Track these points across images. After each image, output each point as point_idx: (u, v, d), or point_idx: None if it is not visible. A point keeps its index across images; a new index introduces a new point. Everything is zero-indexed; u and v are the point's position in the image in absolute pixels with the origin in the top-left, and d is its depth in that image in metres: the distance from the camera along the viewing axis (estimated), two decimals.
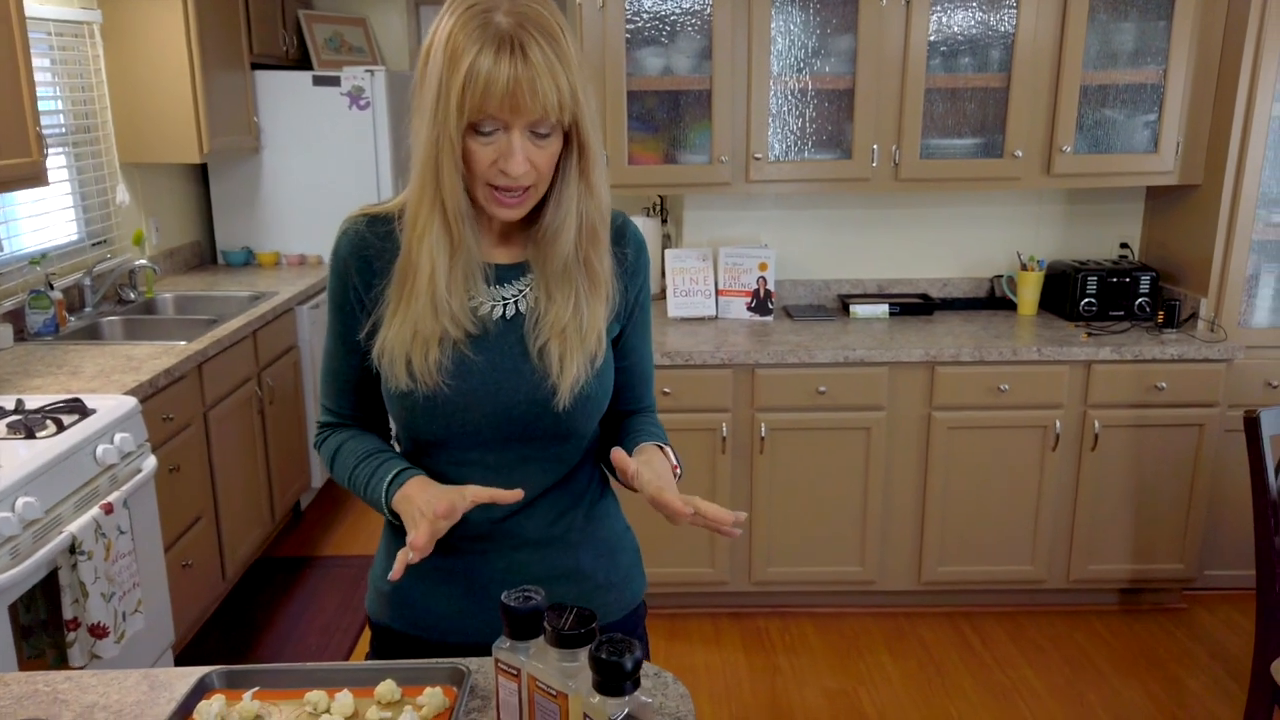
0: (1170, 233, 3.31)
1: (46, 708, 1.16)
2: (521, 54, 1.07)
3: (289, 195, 4.37)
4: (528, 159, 1.11)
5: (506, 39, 1.06)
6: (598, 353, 1.22)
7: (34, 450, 2.08)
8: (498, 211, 1.16)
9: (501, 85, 1.06)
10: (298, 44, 4.67)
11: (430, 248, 1.15)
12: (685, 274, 3.31)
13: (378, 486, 1.20)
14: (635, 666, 0.96)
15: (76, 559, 2.07)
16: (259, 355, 3.46)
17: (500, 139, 1.10)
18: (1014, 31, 3.01)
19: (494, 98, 1.07)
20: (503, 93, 1.07)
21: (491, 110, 1.08)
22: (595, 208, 1.19)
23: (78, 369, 2.72)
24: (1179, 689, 2.81)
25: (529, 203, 1.16)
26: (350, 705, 1.14)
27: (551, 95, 1.08)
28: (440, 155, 1.11)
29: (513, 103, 1.07)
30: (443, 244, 1.15)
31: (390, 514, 1.20)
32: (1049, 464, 3.03)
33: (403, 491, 1.17)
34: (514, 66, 1.06)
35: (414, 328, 1.16)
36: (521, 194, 1.14)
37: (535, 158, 1.12)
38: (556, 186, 1.18)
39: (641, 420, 1.35)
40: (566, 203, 1.17)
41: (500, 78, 1.06)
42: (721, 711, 2.72)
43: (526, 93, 1.07)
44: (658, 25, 3.05)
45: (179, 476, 2.83)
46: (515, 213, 1.16)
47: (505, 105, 1.08)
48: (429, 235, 1.15)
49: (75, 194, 3.53)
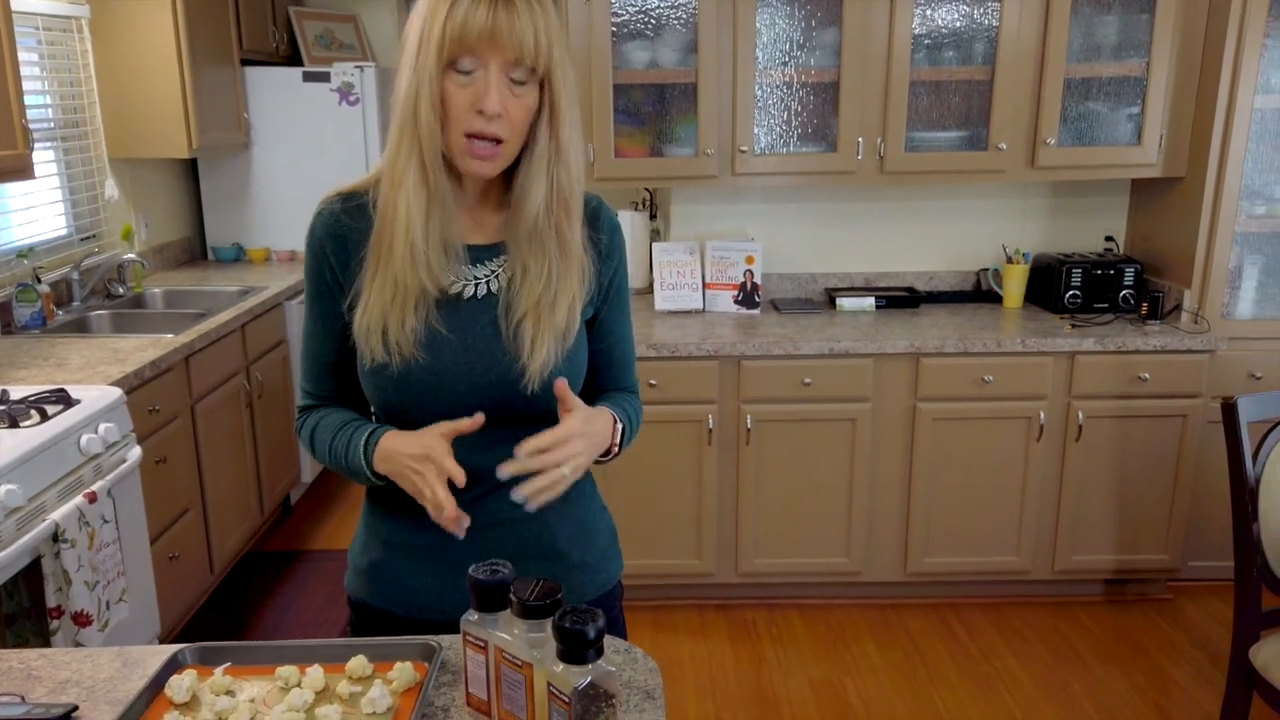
0: (1154, 225, 3.32)
1: (20, 683, 1.17)
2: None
3: (279, 191, 4.37)
4: (503, 105, 1.13)
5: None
6: (568, 331, 1.22)
7: (17, 439, 2.09)
8: (472, 165, 1.16)
9: (481, 20, 1.10)
10: (288, 40, 4.68)
11: (408, 195, 1.16)
12: (672, 267, 3.32)
13: (356, 455, 1.21)
14: (598, 635, 0.97)
15: (60, 547, 2.07)
16: (248, 349, 3.47)
17: (478, 79, 1.12)
18: (998, 25, 3.03)
19: (473, 32, 1.10)
20: (482, 28, 1.10)
21: (470, 44, 1.11)
22: (565, 172, 1.20)
23: (64, 361, 2.72)
24: (1162, 678, 2.83)
25: (501, 158, 1.17)
26: (321, 680, 1.14)
27: (529, 36, 1.11)
28: (419, 98, 1.13)
29: (492, 39, 1.11)
30: (420, 190, 1.16)
31: (374, 476, 1.21)
32: (1033, 455, 3.04)
33: (380, 451, 1.18)
34: (494, 6, 1.10)
35: (392, 285, 1.17)
36: (495, 148, 1.15)
37: (511, 106, 1.14)
38: (528, 148, 1.19)
39: (617, 395, 1.36)
40: (537, 162, 1.19)
41: (480, 14, 1.10)
42: (707, 703, 2.73)
43: (505, 30, 1.10)
44: (643, 19, 3.06)
45: (166, 468, 2.83)
46: (488, 166, 1.17)
47: (484, 42, 1.11)
48: (406, 181, 1.16)
49: (64, 188, 3.54)
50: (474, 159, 1.16)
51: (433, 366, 1.20)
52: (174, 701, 1.10)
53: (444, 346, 1.20)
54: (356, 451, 1.21)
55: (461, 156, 1.16)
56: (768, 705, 2.71)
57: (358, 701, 1.11)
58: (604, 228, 1.29)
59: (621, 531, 2.98)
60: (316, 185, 4.29)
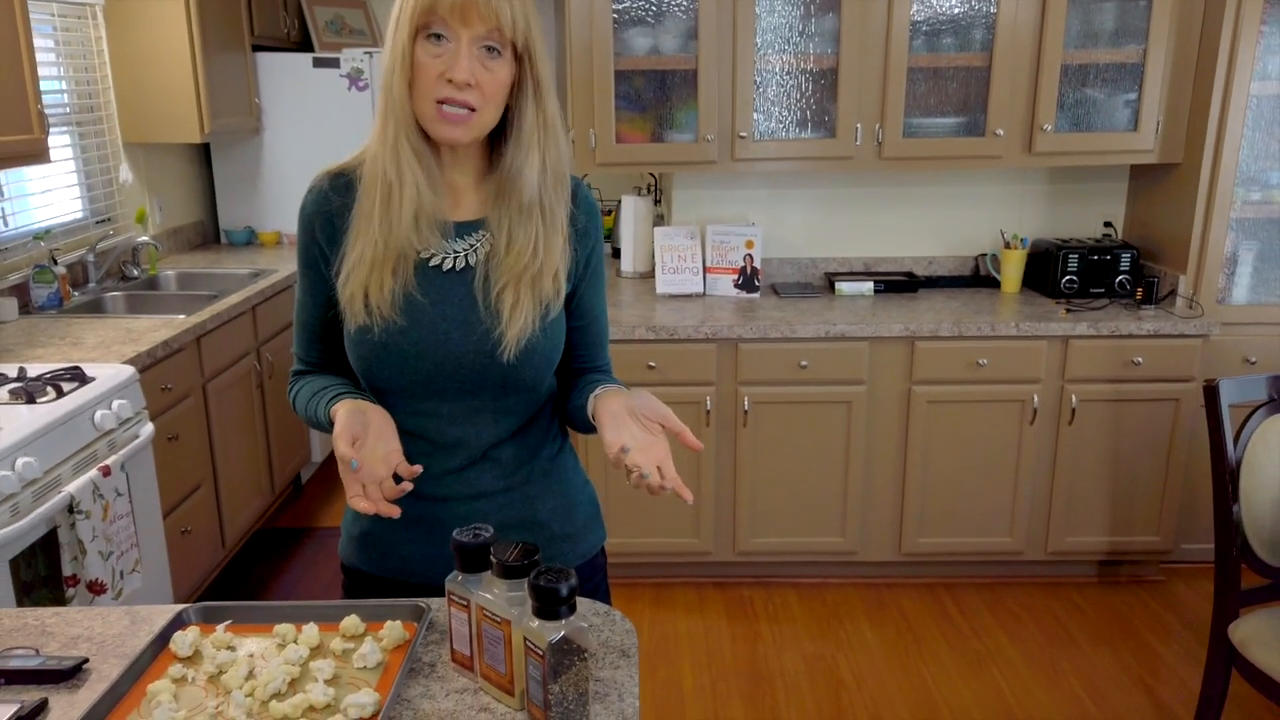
0: (1152, 211, 3.35)
1: (34, 638, 1.24)
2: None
3: (290, 175, 4.45)
4: (474, 76, 1.16)
5: None
6: (553, 302, 1.27)
7: (34, 414, 2.17)
8: (441, 129, 1.19)
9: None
10: (299, 26, 4.74)
11: (387, 160, 1.21)
12: (673, 251, 3.38)
13: (319, 406, 1.28)
14: (570, 593, 1.04)
15: (75, 518, 2.16)
16: (258, 330, 3.55)
17: (449, 49, 1.16)
18: (995, 11, 3.06)
19: (444, 2, 1.14)
20: None
21: (441, 14, 1.14)
22: (555, 146, 1.24)
23: (79, 340, 2.81)
24: (1150, 656, 2.88)
25: (476, 126, 1.20)
26: (316, 637, 1.21)
27: (504, 9, 1.15)
28: (394, 65, 1.18)
29: (462, 11, 1.14)
30: (393, 158, 1.20)
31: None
32: (1027, 437, 3.08)
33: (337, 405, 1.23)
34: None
35: (373, 247, 1.21)
36: (467, 114, 1.18)
37: (482, 78, 1.17)
38: (514, 123, 1.23)
39: (597, 376, 1.41)
40: (526, 138, 1.23)
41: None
42: (702, 675, 2.80)
43: (480, 2, 1.14)
44: (644, 5, 3.11)
45: (178, 445, 2.92)
46: (459, 131, 1.19)
47: (455, 13, 1.14)
48: (385, 148, 1.20)
49: (79, 172, 3.62)
50: (444, 123, 1.18)
51: (410, 333, 1.24)
52: (178, 655, 1.17)
53: (421, 313, 1.24)
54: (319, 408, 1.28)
55: (432, 123, 1.19)
56: (761, 679, 2.78)
57: (350, 657, 1.18)
58: (583, 207, 1.33)
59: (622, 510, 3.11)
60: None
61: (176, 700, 1.08)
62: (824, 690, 2.73)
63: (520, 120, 1.23)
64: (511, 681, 1.10)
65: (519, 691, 1.09)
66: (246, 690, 1.09)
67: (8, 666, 1.14)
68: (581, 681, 1.06)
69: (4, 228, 3.17)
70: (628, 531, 3.15)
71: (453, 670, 1.17)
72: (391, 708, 1.08)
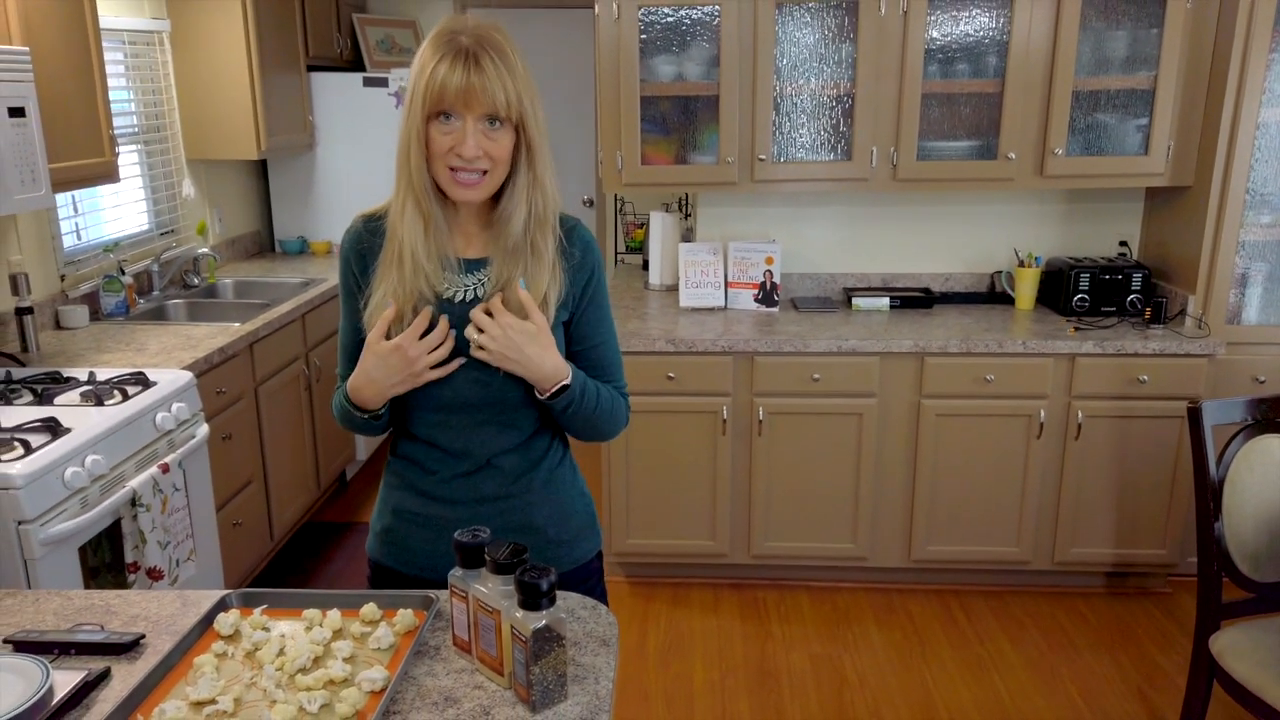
0: (1166, 232, 3.42)
1: (100, 616, 1.45)
2: (475, 63, 1.35)
3: (340, 188, 4.70)
4: (481, 146, 1.37)
5: (464, 51, 1.35)
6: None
7: (103, 415, 2.40)
8: (457, 192, 1.40)
9: (456, 83, 1.34)
10: (351, 45, 4.99)
11: (408, 222, 1.42)
12: (697, 266, 3.53)
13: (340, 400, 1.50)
14: (550, 588, 1.21)
15: (137, 510, 2.38)
16: (307, 336, 3.79)
17: (458, 127, 1.37)
18: (1008, 40, 3.16)
19: (450, 92, 1.34)
20: (458, 88, 1.34)
21: (449, 102, 1.35)
22: (542, 197, 1.45)
23: (143, 346, 3.05)
24: (1149, 666, 2.97)
25: (485, 186, 1.41)
26: (338, 621, 1.40)
27: (499, 95, 1.35)
28: (410, 142, 1.39)
29: (466, 98, 1.35)
30: (416, 219, 1.42)
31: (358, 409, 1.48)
32: (1034, 451, 3.19)
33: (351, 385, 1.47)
34: (468, 71, 1.34)
35: (396, 291, 1.42)
36: (479, 176, 1.39)
37: (488, 147, 1.38)
38: (511, 179, 1.44)
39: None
40: (518, 192, 1.43)
41: (456, 78, 1.34)
42: (713, 670, 2.95)
43: (478, 90, 1.34)
44: (669, 35, 3.27)
45: (231, 444, 3.15)
46: (472, 193, 1.41)
47: (460, 99, 1.35)
48: (406, 212, 1.42)
49: (146, 188, 3.89)
50: (460, 187, 1.40)
51: None
52: (220, 634, 1.37)
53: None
54: (341, 399, 1.50)
55: (449, 186, 1.41)
56: (768, 675, 2.93)
57: (367, 639, 1.36)
58: (577, 244, 1.51)
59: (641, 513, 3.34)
60: (374, 182, 4.63)
61: (218, 672, 1.28)
62: (828, 688, 2.86)
63: (515, 177, 1.43)
64: (502, 664, 1.27)
65: (508, 672, 1.27)
66: (277, 665, 1.28)
67: (78, 639, 1.34)
68: (560, 665, 1.23)
69: (77, 241, 3.44)
70: (648, 534, 3.32)
71: (454, 653, 1.35)
72: (398, 683, 1.26)
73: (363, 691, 1.23)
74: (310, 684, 1.24)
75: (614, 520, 3.32)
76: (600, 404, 1.51)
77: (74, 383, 2.60)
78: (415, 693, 1.26)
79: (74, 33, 2.81)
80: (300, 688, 1.23)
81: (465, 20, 1.39)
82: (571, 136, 5.56)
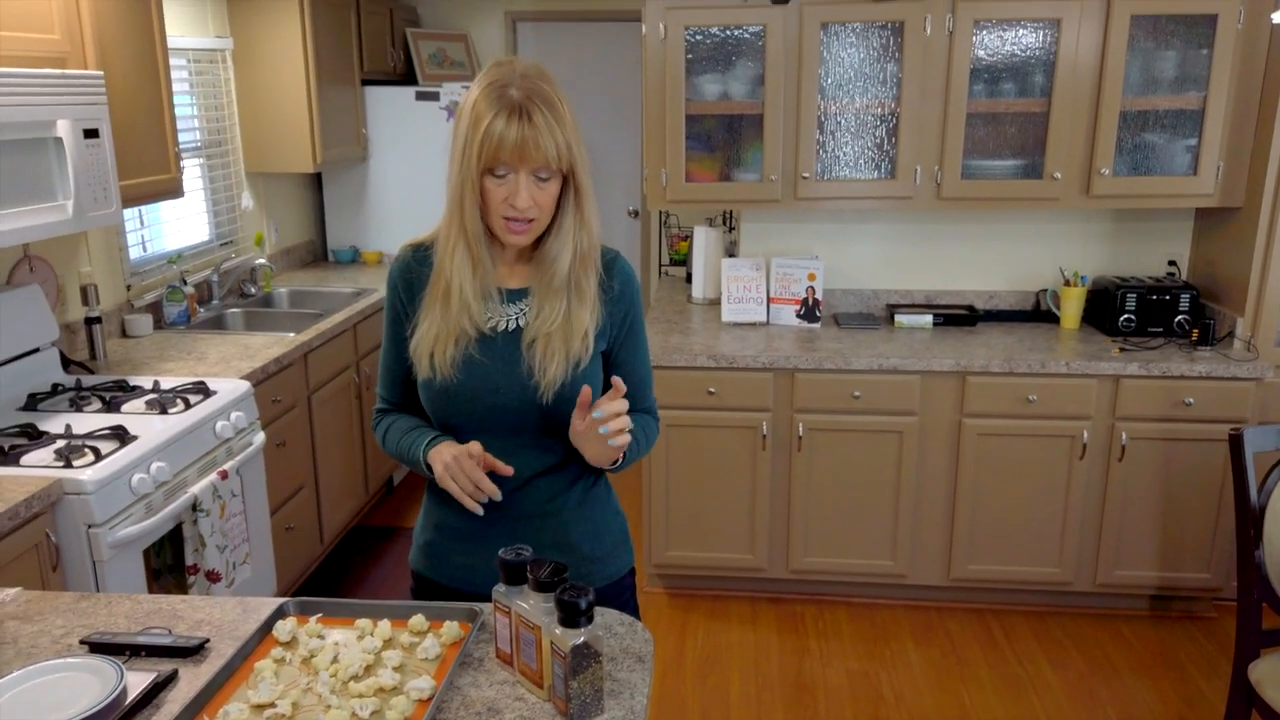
0: (1216, 252, 3.39)
1: (167, 620, 1.53)
2: (528, 118, 1.40)
3: (392, 199, 4.82)
4: (531, 197, 1.44)
5: (517, 107, 1.40)
6: (583, 356, 1.51)
7: (166, 424, 2.51)
8: (510, 238, 1.48)
9: (511, 141, 1.40)
10: (404, 59, 5.11)
11: (457, 263, 1.49)
12: (739, 282, 3.58)
13: (416, 448, 1.55)
14: (588, 606, 1.26)
15: (197, 515, 2.49)
16: (358, 346, 3.90)
17: (510, 180, 1.43)
18: (1054, 59, 3.16)
19: (505, 150, 1.40)
20: (512, 146, 1.40)
21: (504, 159, 1.41)
22: (587, 237, 1.51)
23: (203, 355, 3.17)
24: (1191, 691, 2.94)
25: (534, 231, 1.49)
26: (388, 631, 1.47)
27: (551, 149, 1.41)
28: (464, 193, 1.45)
29: (520, 154, 1.41)
30: (465, 260, 1.49)
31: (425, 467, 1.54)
32: (1076, 472, 3.18)
33: (434, 450, 1.52)
34: (521, 128, 1.40)
35: (440, 325, 1.50)
36: (528, 224, 1.47)
37: (538, 196, 1.45)
38: (557, 220, 1.50)
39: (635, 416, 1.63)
40: (565, 234, 1.50)
41: (510, 136, 1.40)
42: (749, 684, 2.99)
43: (531, 147, 1.40)
44: (715, 53, 3.32)
45: (285, 451, 3.26)
46: (523, 239, 1.48)
47: (514, 156, 1.41)
48: (456, 254, 1.49)
49: (207, 200, 4.03)
50: (512, 234, 1.48)
51: (466, 384, 1.51)
52: (278, 640, 1.44)
53: (476, 369, 1.52)
54: (417, 450, 1.55)
55: (502, 233, 1.48)
56: (804, 690, 2.96)
57: (415, 649, 1.43)
58: (616, 277, 1.57)
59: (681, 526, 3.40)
60: (425, 194, 4.74)
61: (277, 677, 1.35)
62: (864, 705, 2.89)
63: (562, 219, 1.50)
64: (542, 677, 1.33)
65: (547, 686, 1.32)
66: (331, 671, 1.35)
67: (147, 642, 1.42)
68: (597, 680, 1.29)
69: (143, 252, 3.59)
70: (687, 546, 3.37)
71: (496, 665, 1.41)
72: (444, 693, 1.32)
73: (411, 700, 1.29)
74: (362, 691, 1.31)
75: (654, 532, 3.37)
76: (642, 450, 1.60)
77: (140, 391, 2.72)
78: (460, 702, 1.32)
79: (144, 55, 2.94)
80: (353, 694, 1.30)
81: (514, 68, 1.44)
82: (618, 147, 5.63)
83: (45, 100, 2.36)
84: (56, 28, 2.54)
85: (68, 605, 1.58)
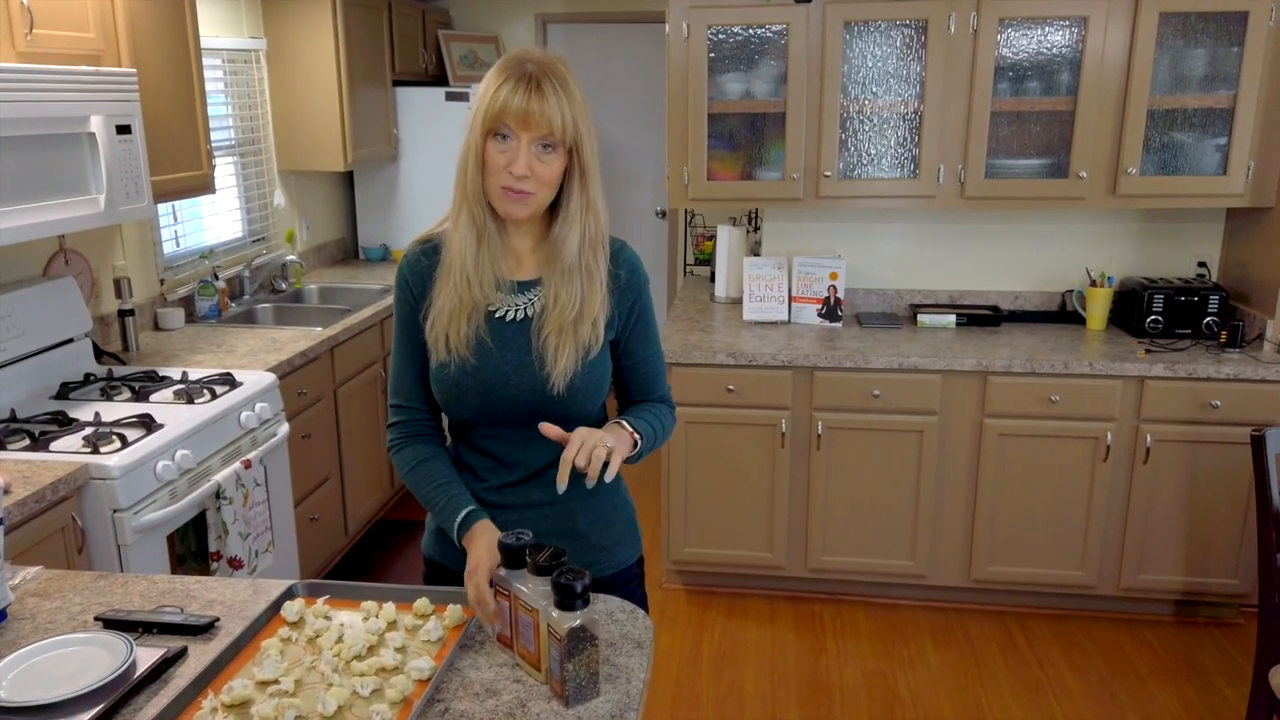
0: (1247, 253, 3.34)
1: (180, 599, 1.58)
2: (537, 87, 1.43)
3: (422, 197, 4.88)
4: (530, 166, 1.45)
5: (528, 76, 1.43)
6: (592, 344, 1.53)
7: (192, 413, 2.57)
8: (507, 207, 1.48)
9: (517, 104, 1.42)
10: (435, 60, 5.17)
11: (462, 231, 1.51)
12: (761, 281, 3.58)
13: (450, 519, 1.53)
14: (584, 590, 1.28)
15: (220, 503, 2.54)
16: (384, 341, 3.95)
17: (513, 146, 1.45)
18: (1080, 58, 3.13)
19: (510, 113, 1.42)
20: (517, 110, 1.42)
21: (508, 120, 1.43)
22: (595, 222, 1.53)
23: (232, 348, 3.24)
24: (1215, 698, 2.90)
25: (533, 205, 1.49)
26: (393, 613, 1.50)
27: (556, 119, 1.43)
28: (469, 157, 1.48)
29: (524, 118, 1.43)
30: (469, 226, 1.51)
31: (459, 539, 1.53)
32: (1100, 474, 3.14)
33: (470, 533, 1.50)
34: (529, 94, 1.42)
35: (454, 299, 1.51)
36: (526, 195, 1.47)
37: (538, 168, 1.46)
38: (563, 203, 1.52)
39: (642, 406, 1.65)
40: (571, 217, 1.51)
41: (517, 99, 1.42)
42: (764, 681, 2.99)
43: (536, 113, 1.42)
44: (738, 52, 3.33)
45: (310, 443, 3.32)
46: (520, 209, 1.48)
47: (518, 119, 1.43)
48: (460, 220, 1.51)
49: (240, 197, 4.11)
50: (508, 202, 1.48)
51: (479, 374, 1.52)
52: (286, 620, 1.48)
53: (488, 356, 1.53)
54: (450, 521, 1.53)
55: (498, 201, 1.49)
56: (820, 689, 2.95)
57: (418, 631, 1.46)
58: (623, 266, 1.59)
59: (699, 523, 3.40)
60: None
61: (282, 655, 1.38)
62: (879, 705, 2.87)
63: (568, 200, 1.51)
64: (539, 660, 1.35)
65: (544, 668, 1.34)
66: (335, 651, 1.38)
67: (159, 620, 1.46)
68: (593, 663, 1.31)
69: (176, 247, 3.67)
70: (706, 543, 3.37)
71: (497, 648, 1.43)
72: (444, 673, 1.35)
73: (411, 679, 1.32)
74: (364, 670, 1.33)
75: (672, 529, 3.38)
76: (659, 438, 1.61)
77: (168, 381, 2.78)
78: (459, 683, 1.34)
79: (177, 53, 3.01)
80: (354, 673, 1.33)
81: (533, 51, 1.48)
82: (645, 148, 5.65)
83: (79, 96, 2.43)
84: (91, 26, 2.61)
85: (86, 584, 1.62)
